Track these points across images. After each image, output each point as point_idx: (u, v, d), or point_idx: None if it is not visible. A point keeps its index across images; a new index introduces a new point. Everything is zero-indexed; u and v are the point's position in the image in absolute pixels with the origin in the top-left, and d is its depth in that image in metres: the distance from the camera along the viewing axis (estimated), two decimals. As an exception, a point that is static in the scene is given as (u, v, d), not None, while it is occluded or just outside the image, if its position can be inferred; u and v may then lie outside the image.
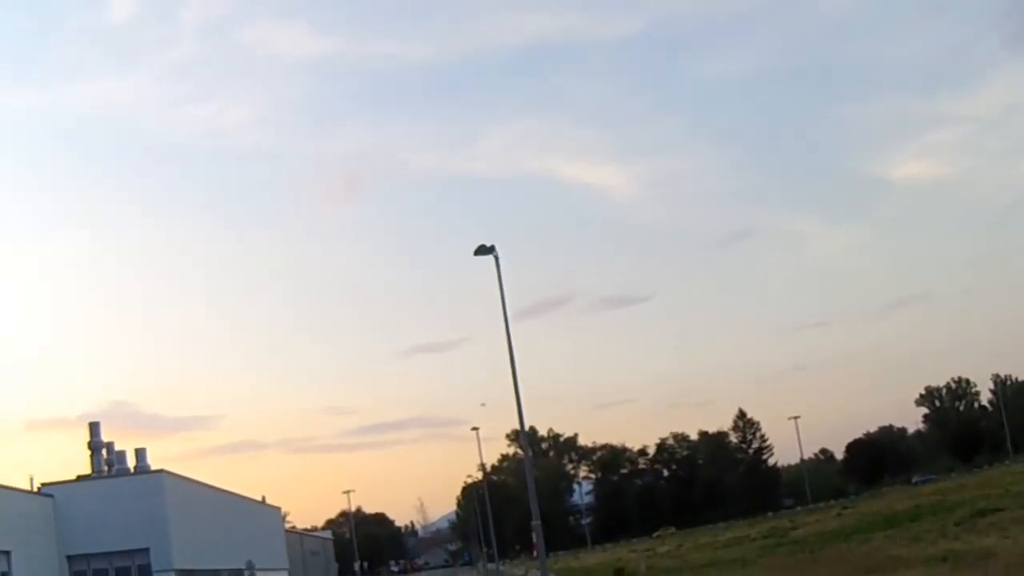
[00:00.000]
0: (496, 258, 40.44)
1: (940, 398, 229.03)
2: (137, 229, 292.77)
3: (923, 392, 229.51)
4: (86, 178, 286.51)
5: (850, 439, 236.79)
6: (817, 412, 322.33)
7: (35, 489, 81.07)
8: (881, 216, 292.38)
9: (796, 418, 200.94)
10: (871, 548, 46.75)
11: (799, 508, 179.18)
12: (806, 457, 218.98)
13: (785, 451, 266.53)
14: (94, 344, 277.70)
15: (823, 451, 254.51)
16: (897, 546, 44.30)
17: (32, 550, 73.08)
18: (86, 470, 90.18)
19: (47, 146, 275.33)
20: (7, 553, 69.24)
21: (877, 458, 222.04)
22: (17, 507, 74.17)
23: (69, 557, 78.76)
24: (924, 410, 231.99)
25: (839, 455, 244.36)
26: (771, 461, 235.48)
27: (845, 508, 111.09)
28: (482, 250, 40.39)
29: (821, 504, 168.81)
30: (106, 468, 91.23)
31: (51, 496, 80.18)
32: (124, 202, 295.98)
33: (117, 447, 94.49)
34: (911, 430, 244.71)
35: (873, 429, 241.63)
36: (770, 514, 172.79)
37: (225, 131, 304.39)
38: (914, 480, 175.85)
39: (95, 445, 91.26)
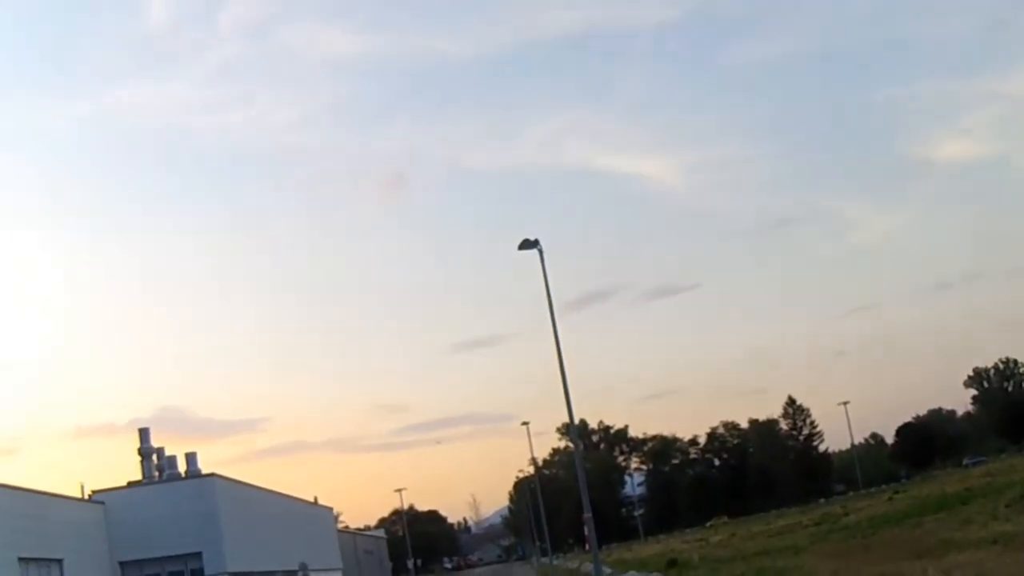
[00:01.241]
0: (540, 252, 40.33)
1: (988, 379, 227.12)
2: (182, 234, 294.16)
3: (971, 373, 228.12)
4: (129, 184, 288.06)
5: (900, 423, 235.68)
6: (867, 396, 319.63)
7: (86, 496, 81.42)
8: (925, 197, 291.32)
9: (846, 403, 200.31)
10: (923, 532, 46.36)
11: (851, 493, 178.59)
12: (857, 442, 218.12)
13: (836, 437, 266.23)
14: (142, 350, 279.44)
15: (873, 436, 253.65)
16: (948, 529, 43.88)
17: (84, 557, 73.29)
18: (136, 476, 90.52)
19: (92, 154, 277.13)
20: (59, 561, 69.44)
21: (927, 441, 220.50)
22: (68, 515, 74.43)
23: (121, 563, 78.99)
24: (973, 392, 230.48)
25: (889, 439, 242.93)
26: (822, 447, 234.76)
27: (896, 492, 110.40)
28: (526, 244, 40.26)
29: (873, 489, 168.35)
30: (157, 473, 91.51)
31: (102, 503, 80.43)
32: (169, 207, 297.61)
33: (167, 452, 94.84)
34: (960, 412, 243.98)
35: (922, 412, 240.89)
36: (822, 500, 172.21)
37: (268, 132, 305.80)
38: (964, 462, 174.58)
39: (145, 451, 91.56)
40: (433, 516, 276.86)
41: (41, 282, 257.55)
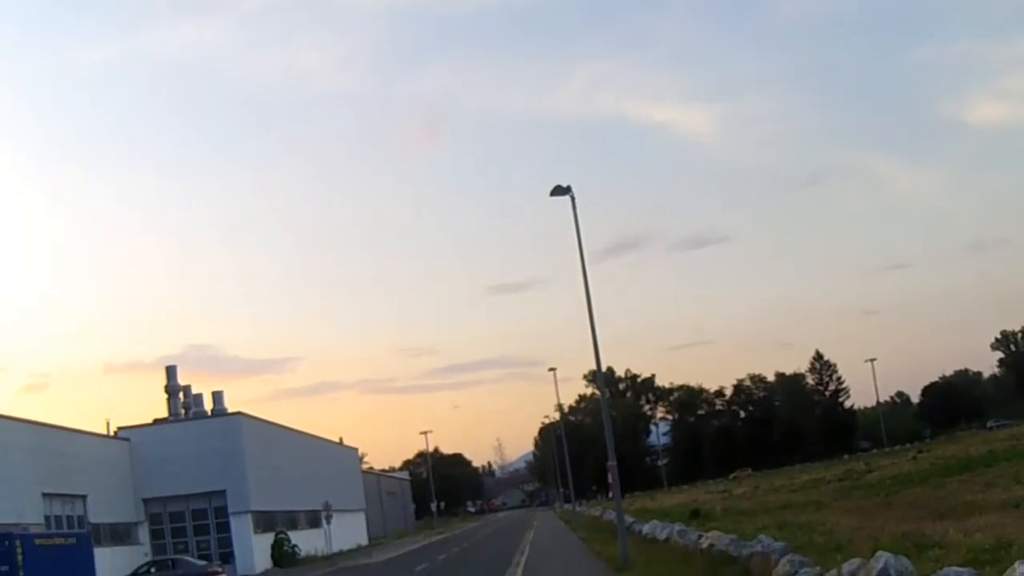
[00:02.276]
0: (572, 199, 39.97)
1: (1015, 342, 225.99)
2: (215, 174, 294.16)
3: (998, 336, 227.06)
4: (164, 125, 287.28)
5: (926, 382, 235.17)
6: (894, 355, 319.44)
7: (112, 433, 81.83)
8: (959, 158, 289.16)
9: (873, 360, 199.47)
10: (945, 493, 46.34)
11: (875, 451, 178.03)
12: (882, 400, 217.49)
13: (861, 394, 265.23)
14: (172, 287, 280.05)
15: (899, 394, 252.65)
16: (971, 491, 43.84)
17: (108, 494, 73.78)
18: (163, 413, 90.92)
19: (127, 96, 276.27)
20: (83, 497, 69.91)
21: (952, 402, 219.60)
22: (93, 451, 74.93)
23: (145, 500, 79.53)
24: (999, 354, 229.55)
25: (915, 398, 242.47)
26: (847, 403, 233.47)
27: (920, 452, 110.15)
28: (558, 191, 39.89)
29: (897, 447, 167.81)
30: (183, 411, 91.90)
31: (128, 440, 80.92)
32: (203, 148, 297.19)
33: (194, 390, 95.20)
34: (986, 374, 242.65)
35: (949, 373, 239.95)
36: (846, 456, 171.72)
37: (304, 75, 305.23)
38: (989, 425, 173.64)
39: (172, 388, 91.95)
40: (458, 459, 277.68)
41: (71, 219, 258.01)
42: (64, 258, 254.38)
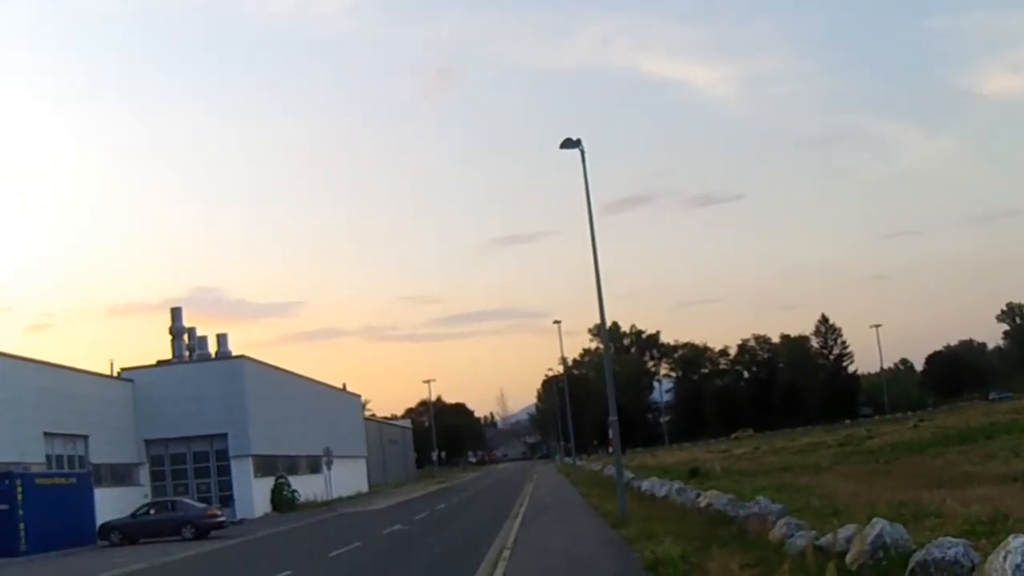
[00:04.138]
0: (582, 152, 39.71)
1: (1021, 315, 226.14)
2: (223, 116, 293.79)
3: (1004, 308, 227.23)
4: (172, 68, 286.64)
5: (930, 351, 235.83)
6: (899, 322, 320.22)
7: (115, 374, 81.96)
8: (972, 129, 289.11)
9: (878, 326, 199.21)
10: (944, 463, 46.29)
11: (876, 417, 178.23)
12: (886, 367, 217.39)
13: (865, 359, 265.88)
14: (178, 229, 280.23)
15: (903, 361, 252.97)
16: (970, 462, 43.79)
17: (109, 434, 74.00)
18: (167, 355, 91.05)
19: (131, 35, 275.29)
20: (85, 437, 70.12)
21: (956, 372, 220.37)
22: (96, 391, 75.06)
23: (147, 441, 79.77)
24: (1005, 326, 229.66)
25: (919, 366, 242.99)
26: (851, 368, 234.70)
27: (921, 420, 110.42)
28: (568, 143, 39.63)
29: (898, 414, 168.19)
30: (187, 353, 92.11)
31: (131, 381, 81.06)
32: (210, 90, 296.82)
33: (199, 333, 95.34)
34: (991, 346, 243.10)
35: (953, 342, 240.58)
36: (847, 421, 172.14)
37: (318, 19, 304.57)
38: (991, 396, 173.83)
39: (176, 330, 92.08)
40: (460, 409, 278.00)
41: (78, 160, 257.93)
42: (70, 199, 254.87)
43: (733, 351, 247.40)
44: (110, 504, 63.44)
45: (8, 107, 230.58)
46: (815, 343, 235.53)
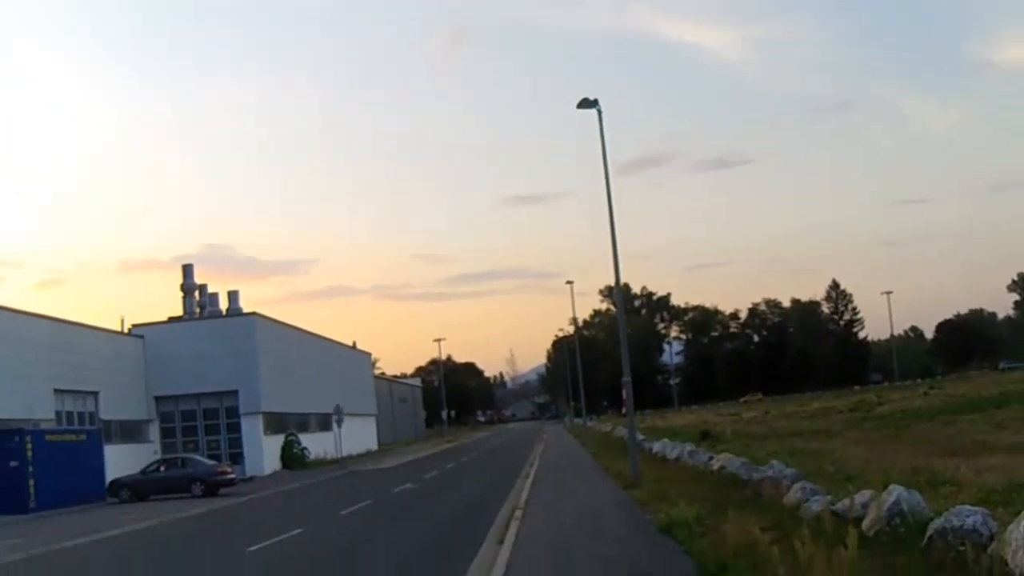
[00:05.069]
0: (599, 112, 39.46)
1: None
2: (236, 75, 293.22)
3: (1015, 278, 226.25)
4: (184, 24, 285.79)
5: (941, 319, 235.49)
6: (910, 289, 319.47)
7: (126, 330, 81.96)
8: (984, 98, 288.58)
9: (889, 293, 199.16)
10: (955, 431, 46.16)
11: (886, 384, 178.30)
12: (896, 333, 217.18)
13: (876, 326, 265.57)
14: (190, 186, 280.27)
15: (913, 328, 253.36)
16: (981, 431, 43.67)
17: (120, 391, 74.12)
18: (178, 312, 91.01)
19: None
20: (95, 393, 70.20)
21: (966, 340, 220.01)
22: (107, 348, 75.14)
23: (157, 398, 79.88)
24: (1015, 296, 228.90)
25: (929, 334, 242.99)
26: (861, 335, 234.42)
27: (931, 388, 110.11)
28: (585, 103, 39.39)
29: (908, 382, 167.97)
30: (198, 310, 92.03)
31: (141, 337, 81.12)
32: (227, 48, 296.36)
33: (210, 289, 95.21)
34: (1001, 315, 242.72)
35: (964, 311, 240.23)
36: (857, 388, 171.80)
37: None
38: (1000, 366, 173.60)
39: (188, 287, 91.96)
40: (470, 368, 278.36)
41: (91, 117, 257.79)
42: (83, 156, 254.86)
43: (744, 314, 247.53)
44: (120, 461, 63.51)
45: (21, 62, 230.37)
46: (826, 308, 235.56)
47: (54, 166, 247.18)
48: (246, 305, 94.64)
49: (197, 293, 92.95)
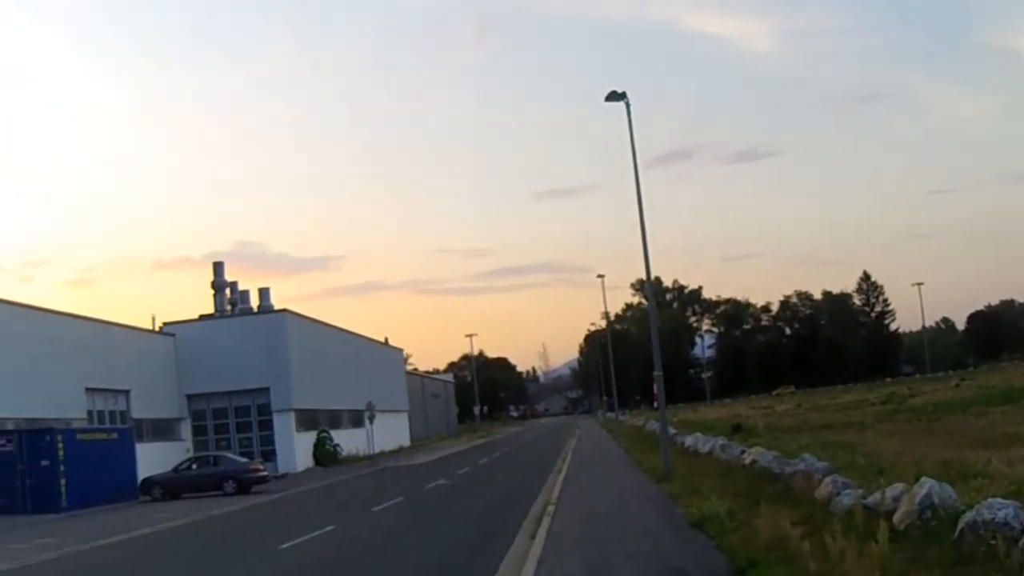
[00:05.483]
0: (627, 105, 39.42)
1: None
2: (264, 69, 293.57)
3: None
4: (213, 17, 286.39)
5: (972, 310, 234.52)
6: (941, 280, 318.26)
7: (157, 328, 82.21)
8: (1013, 86, 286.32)
9: (920, 285, 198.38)
10: (988, 422, 45.96)
11: (917, 376, 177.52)
12: (927, 325, 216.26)
13: (907, 318, 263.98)
14: (222, 184, 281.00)
15: (944, 320, 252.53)
16: (1013, 422, 43.40)
17: (151, 389, 74.35)
18: (209, 310, 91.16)
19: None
20: (126, 392, 70.46)
21: (997, 331, 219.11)
22: (138, 346, 75.39)
23: (189, 396, 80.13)
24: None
25: (960, 325, 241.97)
26: (892, 326, 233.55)
27: (963, 380, 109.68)
28: (613, 96, 39.34)
29: (939, 373, 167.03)
30: (229, 308, 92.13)
31: (173, 335, 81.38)
32: (256, 44, 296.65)
33: (241, 287, 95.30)
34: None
35: (995, 302, 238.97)
36: (888, 380, 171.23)
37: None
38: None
39: (219, 284, 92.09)
40: (502, 363, 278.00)
41: (121, 115, 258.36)
42: (114, 154, 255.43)
43: (775, 307, 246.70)
44: (152, 459, 63.72)
45: (54, 57, 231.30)
46: (857, 300, 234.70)
47: (84, 165, 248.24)
48: (277, 302, 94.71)
49: (228, 290, 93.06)
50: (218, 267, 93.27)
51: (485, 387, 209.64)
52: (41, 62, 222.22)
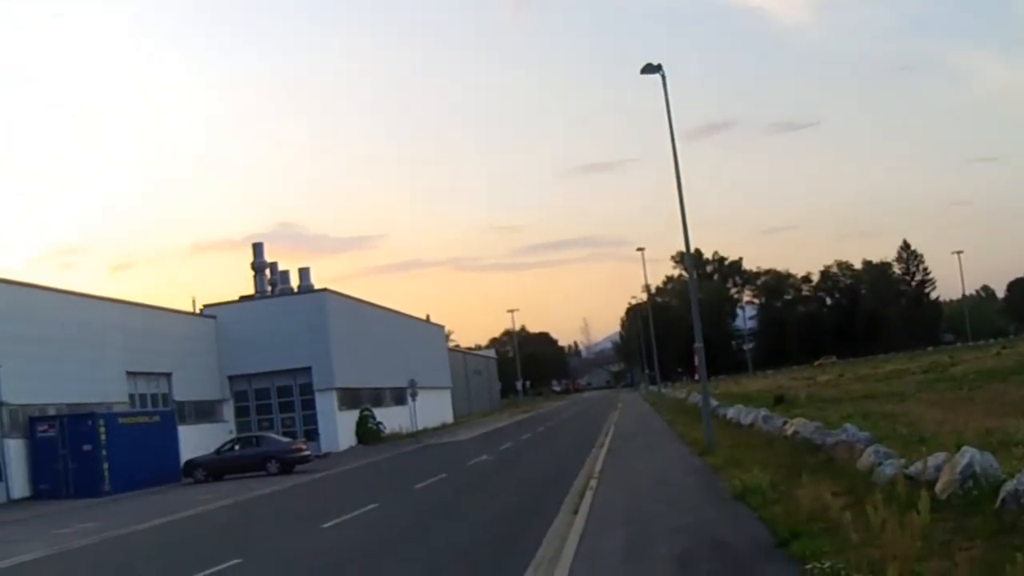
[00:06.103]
0: (663, 77, 39.17)
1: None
2: (306, 53, 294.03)
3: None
4: (254, 8, 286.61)
5: (1012, 278, 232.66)
6: (981, 248, 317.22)
7: (198, 311, 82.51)
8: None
9: (960, 253, 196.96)
10: (1028, 390, 45.54)
11: (958, 344, 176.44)
12: (968, 293, 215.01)
13: (947, 286, 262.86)
14: (261, 165, 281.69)
15: (984, 288, 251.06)
16: (1054, 391, 43.08)
17: (192, 372, 74.72)
18: (250, 291, 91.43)
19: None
20: (168, 375, 70.80)
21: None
22: (179, 329, 75.78)
23: (231, 377, 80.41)
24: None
25: (1000, 293, 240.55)
26: (933, 295, 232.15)
27: (1004, 348, 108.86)
28: (649, 68, 39.10)
29: (980, 342, 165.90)
30: (269, 288, 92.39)
31: (213, 317, 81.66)
32: (294, 24, 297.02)
33: (281, 267, 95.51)
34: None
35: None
36: (930, 349, 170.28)
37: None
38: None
39: (259, 265, 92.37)
40: (544, 338, 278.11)
41: (159, 99, 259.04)
42: (152, 139, 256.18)
43: (816, 278, 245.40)
44: (194, 441, 64.02)
45: (90, 46, 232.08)
46: (897, 270, 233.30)
47: (125, 150, 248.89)
48: (318, 282, 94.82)
49: (268, 271, 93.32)
50: (258, 248, 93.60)
51: (527, 362, 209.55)
52: (76, 53, 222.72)
